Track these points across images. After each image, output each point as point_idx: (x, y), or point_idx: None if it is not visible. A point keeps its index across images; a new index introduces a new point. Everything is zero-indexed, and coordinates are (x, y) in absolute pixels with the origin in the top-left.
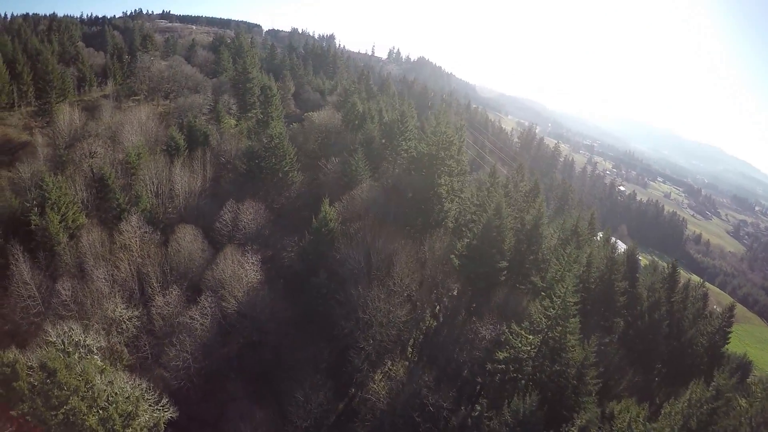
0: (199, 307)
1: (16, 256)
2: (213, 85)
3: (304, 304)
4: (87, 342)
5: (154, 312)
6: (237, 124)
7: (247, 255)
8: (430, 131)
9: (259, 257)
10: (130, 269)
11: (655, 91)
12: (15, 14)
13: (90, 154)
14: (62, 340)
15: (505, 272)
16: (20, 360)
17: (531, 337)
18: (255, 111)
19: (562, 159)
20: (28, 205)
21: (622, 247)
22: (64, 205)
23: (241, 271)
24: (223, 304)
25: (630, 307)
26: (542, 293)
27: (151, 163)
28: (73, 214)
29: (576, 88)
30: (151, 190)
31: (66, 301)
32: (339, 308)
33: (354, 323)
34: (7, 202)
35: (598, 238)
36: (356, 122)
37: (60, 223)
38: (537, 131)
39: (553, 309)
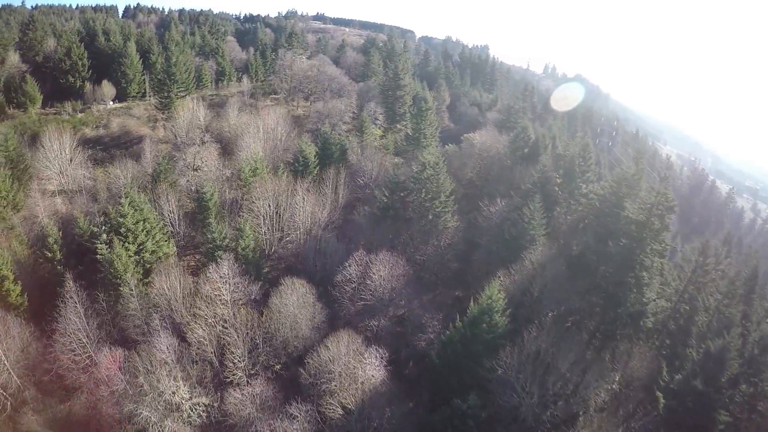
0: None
1: (70, 292)
2: (359, 90)
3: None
4: None
5: (230, 402)
6: (383, 136)
7: (372, 349)
8: (645, 190)
9: (387, 354)
10: (208, 335)
11: None
12: (171, 9)
13: (193, 165)
14: None
15: None
16: None
17: None
18: (404, 123)
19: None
20: (96, 230)
21: None
22: (143, 232)
23: (357, 367)
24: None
25: None
26: None
27: (269, 183)
28: (155, 243)
29: (744, 121)
30: (262, 219)
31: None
32: None
33: None
34: (76, 222)
35: None
36: (525, 151)
37: (134, 255)
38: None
39: None
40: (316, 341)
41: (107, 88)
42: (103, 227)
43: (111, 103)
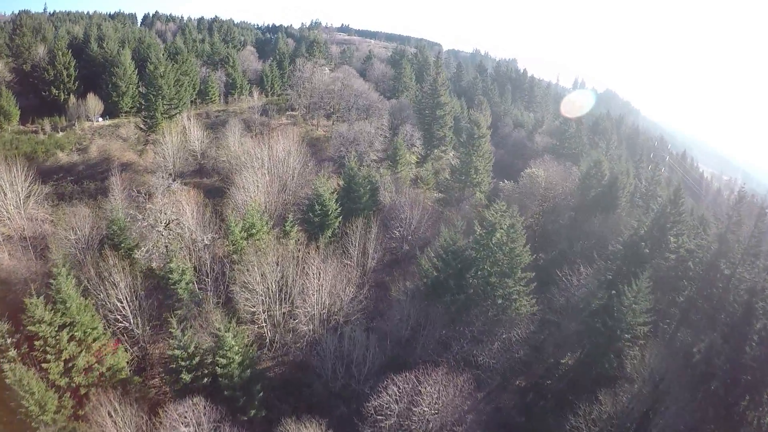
0: None
1: None
2: (391, 107)
3: None
4: None
5: None
6: (419, 163)
7: None
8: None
9: None
10: None
11: None
12: (191, 17)
13: (162, 219)
14: None
15: None
16: None
17: None
18: (444, 149)
19: None
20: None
21: None
22: (73, 342)
23: None
24: None
25: None
26: None
27: (271, 248)
28: (93, 355)
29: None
30: (260, 299)
31: None
32: None
33: None
34: None
35: None
36: (599, 190)
37: (60, 377)
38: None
39: None
40: None
41: (93, 102)
42: (10, 339)
43: (100, 119)
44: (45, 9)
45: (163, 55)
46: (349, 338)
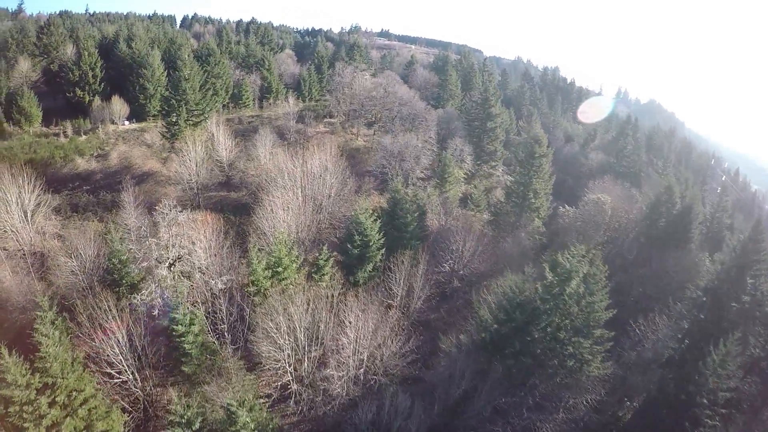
0: None
1: None
2: (438, 118)
3: None
4: None
5: None
6: (467, 180)
7: None
8: None
9: None
10: None
11: None
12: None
13: (170, 258)
14: None
15: None
16: None
17: None
18: (494, 164)
19: None
20: None
21: None
22: (56, 406)
23: None
24: None
25: None
26: None
27: (299, 290)
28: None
29: None
30: (290, 355)
31: None
32: None
33: None
34: None
35: None
36: (670, 220)
37: None
38: None
39: None
40: None
41: (118, 105)
42: None
43: (126, 123)
44: (87, 9)
45: (189, 56)
46: (390, 403)
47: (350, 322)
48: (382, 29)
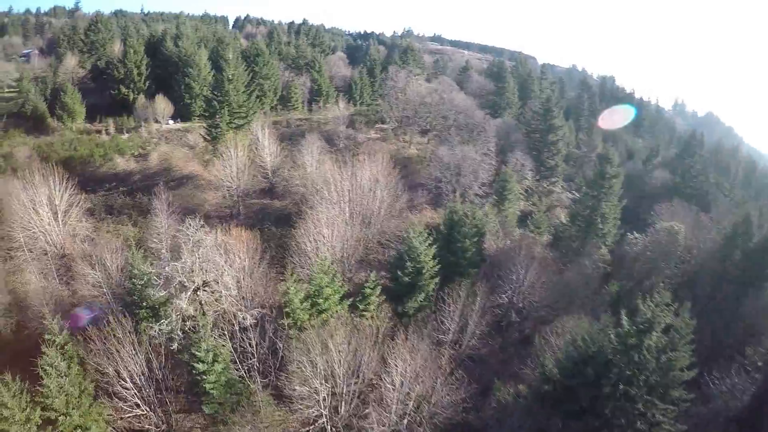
0: None
1: None
2: (497, 128)
3: None
4: None
5: None
6: (526, 197)
7: None
8: None
9: None
10: None
11: None
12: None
13: (197, 282)
14: None
15: None
16: None
17: None
18: (555, 180)
19: None
20: None
21: None
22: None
23: None
24: None
25: None
26: None
27: (340, 326)
28: None
29: None
30: (326, 398)
31: None
32: None
33: None
34: None
35: None
36: (747, 254)
37: None
38: None
39: None
40: None
41: (162, 104)
42: None
43: (170, 122)
44: (142, 9)
45: (233, 55)
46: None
47: (396, 366)
48: (434, 34)
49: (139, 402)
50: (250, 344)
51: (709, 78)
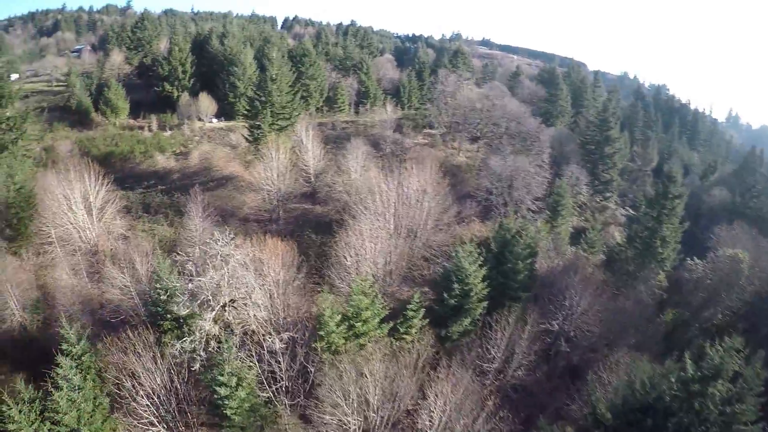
0: None
1: None
2: (550, 137)
3: None
4: None
5: None
6: (579, 212)
7: None
8: None
9: None
10: None
11: None
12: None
13: (224, 299)
14: None
15: None
16: None
17: None
18: (609, 195)
19: None
20: None
21: None
22: None
23: None
24: None
25: None
26: None
27: (378, 356)
28: None
29: None
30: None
31: None
32: None
33: None
34: None
35: None
36: None
37: None
38: None
39: None
40: None
41: (206, 102)
42: None
43: (214, 120)
44: (192, 8)
45: (277, 54)
46: None
47: (436, 401)
48: (483, 38)
49: (155, 420)
50: (279, 367)
51: (764, 89)
